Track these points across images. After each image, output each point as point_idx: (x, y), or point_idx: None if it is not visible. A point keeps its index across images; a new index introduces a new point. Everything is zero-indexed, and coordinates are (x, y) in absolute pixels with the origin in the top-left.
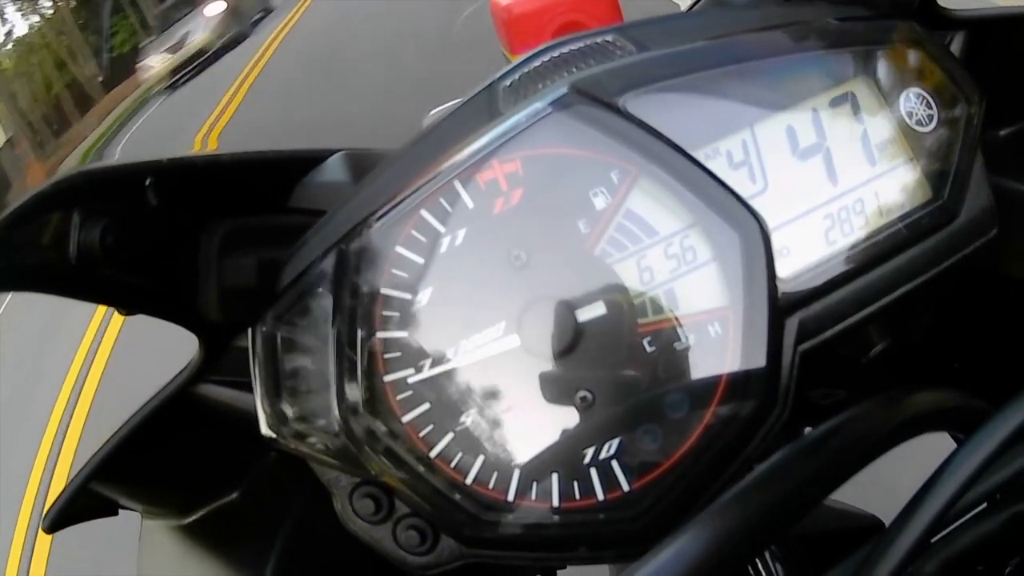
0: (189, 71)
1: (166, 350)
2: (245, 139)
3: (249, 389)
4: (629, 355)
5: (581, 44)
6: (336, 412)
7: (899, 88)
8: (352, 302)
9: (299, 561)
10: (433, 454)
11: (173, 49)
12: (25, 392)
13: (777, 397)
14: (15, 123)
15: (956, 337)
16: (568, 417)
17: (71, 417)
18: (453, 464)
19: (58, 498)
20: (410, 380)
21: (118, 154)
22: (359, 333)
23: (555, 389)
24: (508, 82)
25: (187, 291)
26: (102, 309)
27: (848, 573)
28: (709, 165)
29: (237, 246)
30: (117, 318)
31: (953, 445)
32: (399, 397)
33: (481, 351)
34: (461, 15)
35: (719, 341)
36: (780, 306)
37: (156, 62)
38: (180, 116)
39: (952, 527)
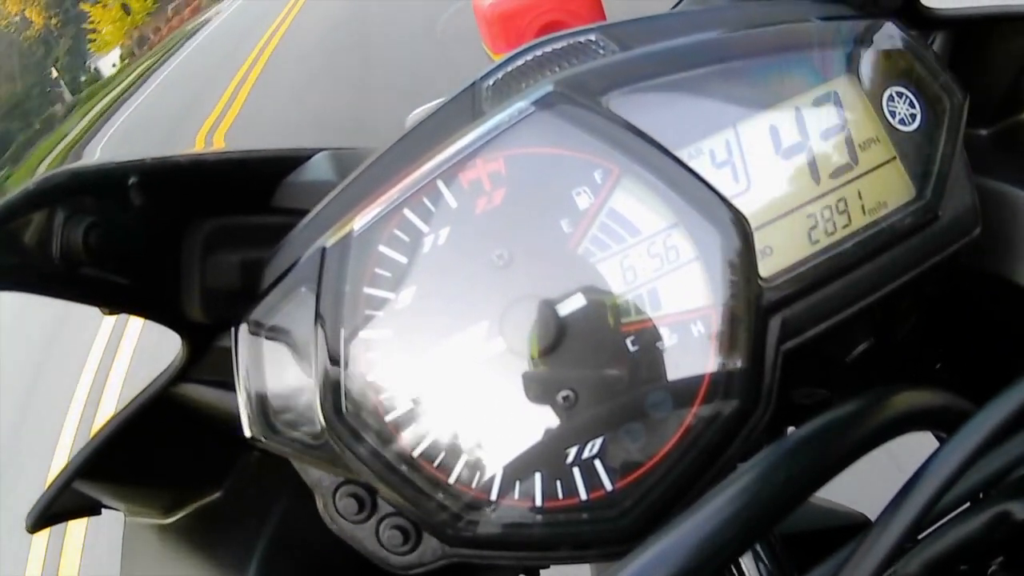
0: None
1: None
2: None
3: (232, 389)
4: (612, 354)
5: (564, 43)
6: (319, 411)
7: (882, 87)
8: (335, 302)
9: (282, 560)
10: (416, 453)
11: None
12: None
13: (760, 397)
14: None
15: (939, 336)
16: (551, 416)
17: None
18: (436, 463)
19: (41, 497)
20: (392, 379)
21: (98, 153)
22: (342, 332)
23: (538, 388)
24: (491, 81)
25: (170, 290)
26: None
27: (830, 572)
28: (692, 164)
29: (220, 245)
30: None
31: (936, 445)
32: (382, 397)
33: (464, 350)
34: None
35: (702, 340)
36: (763, 305)
37: None
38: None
39: (936, 526)
